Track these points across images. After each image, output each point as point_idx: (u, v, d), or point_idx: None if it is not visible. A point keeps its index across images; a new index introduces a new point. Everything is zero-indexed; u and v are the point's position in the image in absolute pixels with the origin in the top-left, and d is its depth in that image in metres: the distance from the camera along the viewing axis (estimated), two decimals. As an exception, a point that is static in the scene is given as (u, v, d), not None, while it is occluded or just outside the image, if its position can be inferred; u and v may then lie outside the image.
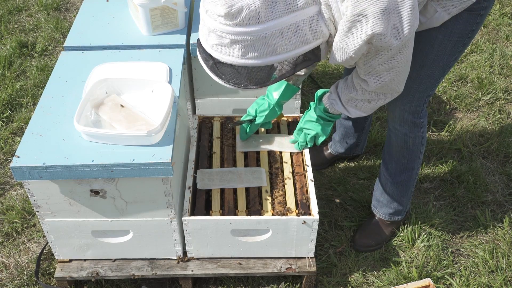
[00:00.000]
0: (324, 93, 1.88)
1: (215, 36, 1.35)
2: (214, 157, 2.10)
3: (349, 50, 1.43)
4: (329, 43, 1.48)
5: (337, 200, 2.41)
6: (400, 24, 1.38)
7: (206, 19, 1.36)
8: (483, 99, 3.01)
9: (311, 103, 1.94)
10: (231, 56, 1.35)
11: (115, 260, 1.98)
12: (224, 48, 1.35)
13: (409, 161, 2.07)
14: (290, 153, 2.11)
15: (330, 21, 1.40)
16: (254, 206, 1.90)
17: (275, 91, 1.98)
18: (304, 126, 1.97)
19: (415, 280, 2.10)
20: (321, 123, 1.91)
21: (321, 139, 1.95)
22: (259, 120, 2.02)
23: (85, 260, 1.97)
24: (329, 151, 2.59)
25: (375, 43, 1.41)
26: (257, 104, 2.02)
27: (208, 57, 1.42)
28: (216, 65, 1.42)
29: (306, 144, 2.02)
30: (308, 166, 2.04)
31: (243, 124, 2.07)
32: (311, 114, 1.93)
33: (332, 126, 1.94)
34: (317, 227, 1.88)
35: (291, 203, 1.91)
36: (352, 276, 2.14)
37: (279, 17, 1.31)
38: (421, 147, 2.04)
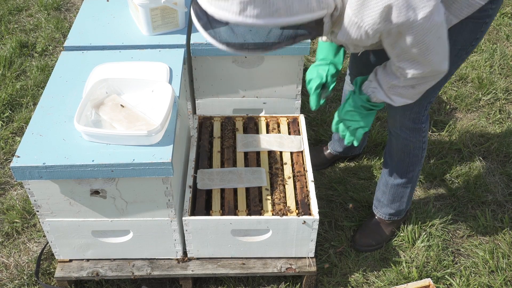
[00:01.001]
0: (363, 80, 1.74)
1: None
2: (214, 157, 2.10)
3: (364, 24, 1.33)
4: (333, 17, 1.37)
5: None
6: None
7: None
8: (483, 99, 3.01)
9: (349, 91, 1.78)
10: (228, 11, 1.24)
11: (115, 260, 1.98)
12: (221, 1, 1.23)
13: (410, 164, 2.06)
14: (290, 153, 2.11)
15: None
16: (254, 206, 1.90)
17: (330, 53, 1.84)
18: (345, 117, 1.78)
19: (415, 280, 2.10)
20: (364, 113, 1.74)
21: (362, 132, 1.79)
22: (332, 84, 1.86)
23: (85, 260, 1.97)
24: (328, 150, 2.59)
25: (395, 19, 1.31)
26: (321, 69, 1.84)
27: (202, 13, 1.31)
28: (211, 23, 1.31)
29: (351, 138, 1.83)
30: (308, 166, 2.04)
31: (314, 93, 1.86)
32: (351, 103, 1.75)
33: (374, 116, 1.79)
34: (317, 227, 1.88)
35: (291, 203, 1.91)
36: (352, 276, 2.14)
37: None
38: (422, 151, 2.03)
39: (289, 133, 2.19)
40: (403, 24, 1.32)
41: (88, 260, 1.97)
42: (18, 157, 1.61)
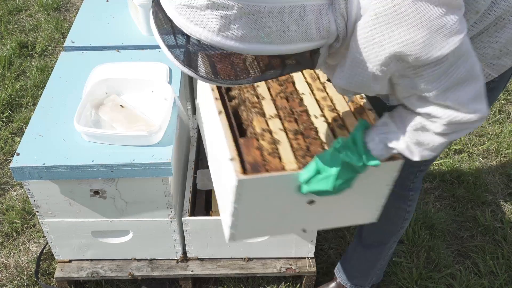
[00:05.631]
0: (366, 128, 1.30)
1: None
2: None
3: (370, 63, 1.04)
4: (331, 48, 1.08)
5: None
6: (445, 32, 0.99)
7: None
8: (483, 99, 3.01)
9: (334, 150, 1.28)
10: (203, 28, 0.93)
11: (115, 260, 1.98)
12: (194, 12, 0.92)
13: (385, 232, 1.78)
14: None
15: (342, 18, 1.02)
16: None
17: None
18: (338, 190, 1.30)
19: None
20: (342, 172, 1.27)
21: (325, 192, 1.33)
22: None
23: (85, 260, 1.97)
24: None
25: (413, 60, 1.01)
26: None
27: (165, 20, 0.99)
28: (175, 35, 0.99)
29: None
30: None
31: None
32: (346, 172, 1.28)
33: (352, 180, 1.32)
34: (317, 227, 1.88)
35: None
36: (352, 276, 2.14)
37: None
38: (403, 221, 1.75)
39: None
40: (424, 64, 1.03)
41: (88, 260, 1.97)
42: (18, 157, 1.61)
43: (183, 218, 1.84)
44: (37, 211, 1.77)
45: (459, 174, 2.56)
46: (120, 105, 1.77)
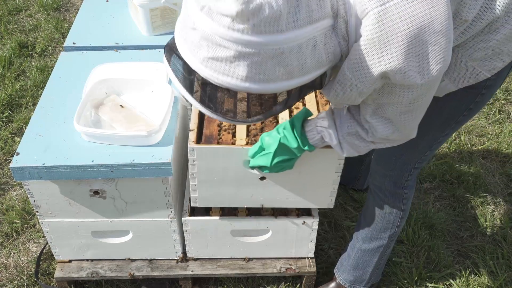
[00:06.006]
0: (306, 116, 1.44)
1: (213, 45, 0.97)
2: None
3: (358, 82, 1.11)
4: (335, 67, 1.16)
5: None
6: (429, 61, 1.06)
7: (199, 19, 0.97)
8: (483, 99, 3.01)
9: (274, 134, 1.44)
10: (231, 76, 0.98)
11: (114, 260, 1.98)
12: (222, 64, 0.97)
13: (382, 230, 1.82)
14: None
15: (345, 40, 1.08)
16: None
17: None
18: (274, 170, 1.50)
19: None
20: (280, 153, 1.44)
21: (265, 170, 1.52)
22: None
23: (85, 260, 1.97)
24: None
25: (395, 79, 1.08)
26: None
27: (186, 71, 1.03)
28: (200, 85, 1.04)
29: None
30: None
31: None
32: (282, 151, 1.44)
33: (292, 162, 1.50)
34: (317, 227, 1.88)
35: (291, 203, 1.92)
36: (352, 276, 2.14)
37: (301, 26, 0.97)
38: (399, 220, 1.78)
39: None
40: (403, 85, 1.11)
41: (87, 260, 1.97)
42: (18, 157, 1.61)
43: (183, 218, 1.84)
44: (37, 211, 1.77)
45: (459, 174, 2.56)
46: (120, 105, 1.77)
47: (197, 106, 1.09)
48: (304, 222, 1.85)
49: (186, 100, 1.09)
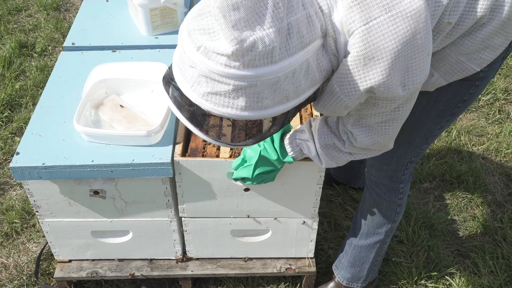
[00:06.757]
0: (286, 130, 1.51)
1: (211, 81, 1.02)
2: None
3: (345, 97, 1.15)
4: (326, 80, 1.20)
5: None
6: (411, 74, 1.12)
7: (196, 58, 1.01)
8: (482, 99, 3.01)
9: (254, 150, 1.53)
10: (231, 107, 1.03)
11: (114, 260, 1.98)
12: (221, 97, 1.02)
13: (379, 226, 1.83)
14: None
15: (335, 57, 1.13)
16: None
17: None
18: (256, 181, 1.59)
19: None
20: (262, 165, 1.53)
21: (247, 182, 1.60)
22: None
23: (85, 260, 1.97)
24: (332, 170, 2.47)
25: (379, 93, 1.13)
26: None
27: (186, 103, 1.08)
28: (199, 114, 1.10)
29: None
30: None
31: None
32: (263, 163, 1.53)
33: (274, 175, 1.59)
34: (316, 227, 1.88)
35: (290, 203, 1.92)
36: (352, 276, 2.14)
37: (293, 54, 1.02)
38: (395, 215, 1.80)
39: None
40: (386, 98, 1.16)
41: (87, 260, 1.97)
42: (18, 156, 1.61)
43: (183, 218, 1.84)
44: (37, 211, 1.77)
45: (459, 174, 2.56)
46: (120, 105, 1.77)
47: (196, 132, 1.15)
48: (304, 222, 1.85)
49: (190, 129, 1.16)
